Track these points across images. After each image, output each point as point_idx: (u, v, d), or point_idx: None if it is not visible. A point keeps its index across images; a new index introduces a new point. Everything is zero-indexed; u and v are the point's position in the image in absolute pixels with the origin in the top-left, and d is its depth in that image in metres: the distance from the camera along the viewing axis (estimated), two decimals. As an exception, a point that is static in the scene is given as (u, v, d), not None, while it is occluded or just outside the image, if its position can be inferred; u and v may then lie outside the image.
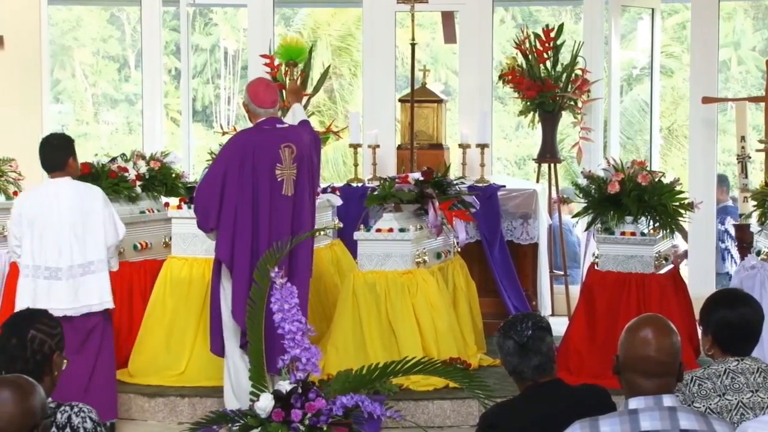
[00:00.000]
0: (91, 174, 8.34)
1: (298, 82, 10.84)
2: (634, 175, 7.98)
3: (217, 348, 7.03)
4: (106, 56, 22.90)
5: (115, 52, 22.97)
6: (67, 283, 6.86)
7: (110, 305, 7.02)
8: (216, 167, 6.92)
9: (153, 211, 8.70)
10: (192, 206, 7.18)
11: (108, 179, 8.36)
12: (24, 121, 10.83)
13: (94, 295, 6.91)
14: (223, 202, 6.79)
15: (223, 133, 10.23)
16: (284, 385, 4.41)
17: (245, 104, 7.06)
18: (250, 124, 7.08)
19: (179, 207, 8.28)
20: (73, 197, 6.92)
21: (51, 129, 11.11)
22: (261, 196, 6.82)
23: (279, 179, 6.88)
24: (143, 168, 8.71)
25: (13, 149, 9.50)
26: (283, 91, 10.75)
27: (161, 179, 8.83)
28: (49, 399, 3.77)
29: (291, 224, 6.91)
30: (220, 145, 8.54)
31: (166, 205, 8.78)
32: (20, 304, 6.71)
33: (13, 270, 7.84)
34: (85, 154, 7.38)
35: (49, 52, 11.73)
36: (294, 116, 7.40)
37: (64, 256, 6.88)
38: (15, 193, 9.18)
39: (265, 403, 4.34)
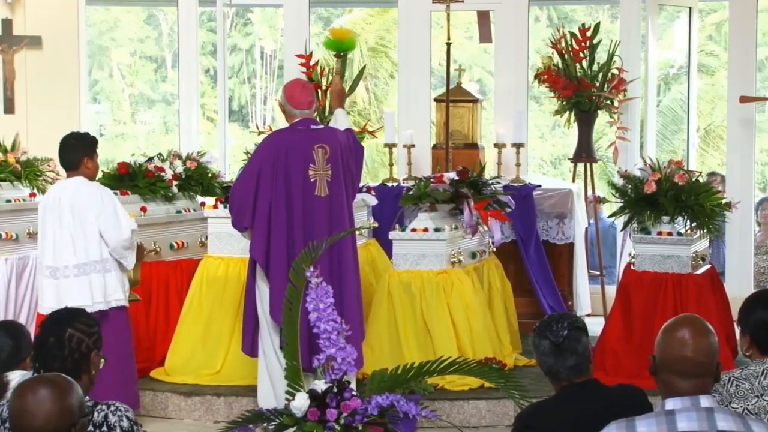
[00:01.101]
0: (128, 174, 8.40)
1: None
2: (671, 175, 7.94)
3: (248, 347, 7.05)
4: (144, 56, 23.02)
5: (153, 53, 23.08)
6: (61, 282, 6.90)
7: (100, 307, 6.90)
8: (250, 167, 6.94)
9: (189, 211, 8.74)
10: (227, 205, 7.18)
11: (145, 179, 8.41)
12: (62, 121, 10.90)
13: (84, 296, 6.88)
14: (257, 202, 6.82)
15: (259, 133, 10.25)
16: (319, 385, 4.42)
17: (281, 105, 7.08)
18: (287, 124, 7.11)
19: (215, 206, 8.31)
20: (73, 197, 6.95)
21: (89, 129, 11.18)
22: (294, 197, 6.84)
23: (312, 180, 6.89)
24: (180, 168, 8.76)
25: (51, 149, 9.56)
26: (319, 91, 10.79)
27: (197, 179, 8.87)
28: (87, 397, 3.80)
29: (328, 225, 6.91)
30: (255, 144, 8.57)
31: (202, 204, 8.82)
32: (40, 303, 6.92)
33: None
34: (122, 153, 7.44)
35: (86, 53, 11.82)
36: (336, 122, 7.41)
37: (62, 255, 6.91)
38: (53, 193, 9.26)
39: (301, 403, 4.35)
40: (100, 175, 7.66)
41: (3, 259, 8.45)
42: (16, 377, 5.08)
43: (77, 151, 7.07)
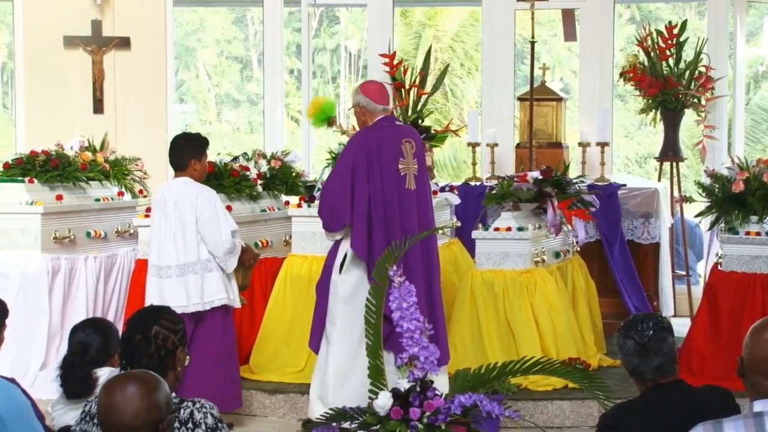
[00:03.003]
0: (214, 173, 8.48)
1: (417, 81, 10.88)
2: (760, 174, 7.82)
3: (316, 344, 7.08)
4: (230, 57, 23.25)
5: (239, 53, 23.30)
6: (164, 282, 6.97)
7: (197, 308, 6.96)
8: (342, 166, 6.93)
9: (273, 210, 8.81)
10: (313, 205, 7.19)
11: (230, 178, 8.49)
12: (149, 120, 11.07)
13: (181, 297, 6.95)
14: (354, 200, 6.84)
15: (343, 132, 10.30)
16: (402, 384, 4.43)
17: (361, 105, 7.05)
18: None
19: (299, 205, 8.36)
20: (176, 197, 7.01)
21: (175, 128, 11.35)
22: (388, 191, 6.88)
23: (402, 173, 6.94)
24: (264, 167, 8.83)
25: (138, 148, 9.72)
26: (402, 90, 10.80)
27: (282, 178, 8.94)
28: (173, 394, 3.83)
29: (418, 219, 6.96)
30: (340, 144, 8.64)
31: (287, 203, 8.87)
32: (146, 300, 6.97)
33: (139, 267, 8.02)
34: (208, 153, 7.49)
35: (173, 53, 11.96)
36: None
37: (166, 255, 7.00)
38: (141, 192, 9.39)
39: (384, 401, 4.36)
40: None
41: (92, 257, 8.58)
42: (104, 374, 5.18)
43: (185, 152, 7.15)
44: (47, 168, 8.52)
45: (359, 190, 6.83)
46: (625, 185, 9.94)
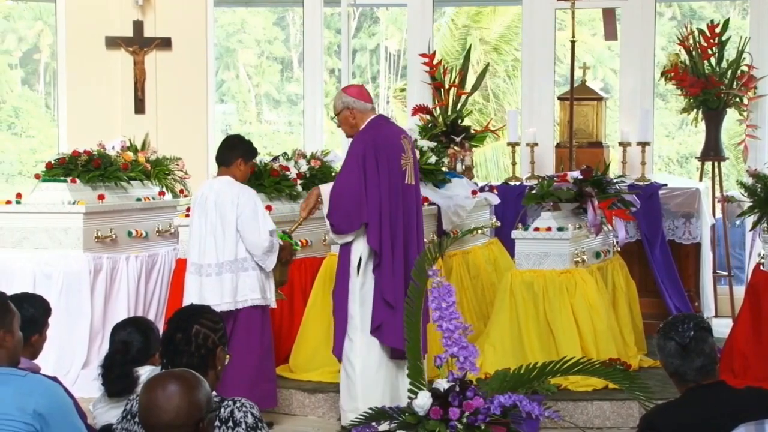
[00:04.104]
0: (254, 173, 8.51)
1: (457, 81, 10.87)
2: (803, 174, 7.75)
3: (339, 351, 7.09)
4: (270, 57, 23.33)
5: (280, 54, 23.38)
6: (204, 280, 7.00)
7: (229, 307, 6.97)
8: (351, 166, 6.96)
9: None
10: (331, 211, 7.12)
11: (270, 177, 8.52)
12: (190, 120, 11.13)
13: (216, 295, 6.97)
14: (367, 197, 6.88)
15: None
16: (442, 384, 4.42)
17: (350, 107, 7.07)
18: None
19: (339, 205, 8.36)
20: (217, 196, 7.04)
21: (215, 129, 11.42)
22: (393, 186, 6.96)
23: (403, 169, 7.02)
24: (304, 167, 8.85)
25: (179, 148, 9.77)
26: (442, 90, 10.80)
27: (321, 178, 8.95)
28: (213, 393, 3.85)
29: (416, 213, 7.10)
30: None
31: (327, 203, 8.88)
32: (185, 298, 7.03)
33: (180, 266, 8.06)
34: (255, 162, 7.52)
35: (214, 54, 12.02)
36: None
37: (206, 254, 7.02)
38: (181, 191, 9.44)
39: (423, 401, 4.36)
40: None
41: (133, 256, 8.63)
42: (145, 372, 5.20)
43: (235, 151, 7.20)
44: (89, 168, 8.58)
45: (371, 186, 6.88)
46: (666, 185, 9.89)
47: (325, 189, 7.17)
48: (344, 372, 7.06)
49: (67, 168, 8.57)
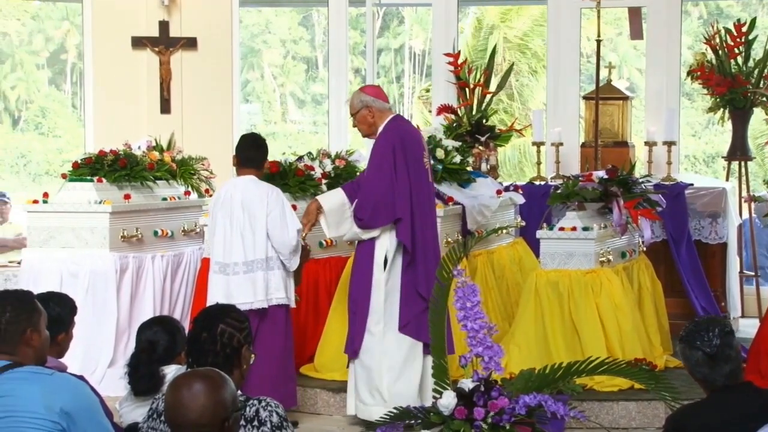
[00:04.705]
0: (279, 172, 8.52)
1: (481, 80, 10.86)
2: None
3: (356, 350, 7.11)
4: (296, 57, 23.37)
5: (305, 53, 23.41)
6: (231, 279, 7.01)
7: (262, 305, 6.97)
8: (381, 161, 7.02)
9: (338, 209, 8.82)
10: (358, 207, 7.15)
11: (295, 177, 8.53)
12: (215, 120, 11.16)
13: (248, 293, 6.98)
14: (398, 193, 6.91)
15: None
16: (467, 383, 4.42)
17: (369, 106, 7.13)
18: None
19: (364, 205, 8.37)
20: (243, 194, 7.04)
21: (241, 129, 11.44)
22: (417, 184, 7.03)
23: (426, 167, 7.14)
24: (329, 166, 8.85)
25: (205, 148, 9.80)
26: (467, 89, 10.79)
27: (346, 177, 8.95)
28: (239, 392, 3.86)
29: (434, 211, 7.26)
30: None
31: (352, 203, 8.88)
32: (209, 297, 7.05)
33: (205, 266, 8.07)
34: (272, 152, 7.54)
35: (239, 54, 12.05)
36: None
37: (232, 252, 7.03)
38: (207, 191, 9.46)
39: (448, 401, 4.36)
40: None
41: (159, 256, 8.66)
42: (171, 371, 5.22)
43: (264, 153, 7.23)
44: (115, 167, 8.62)
45: (401, 182, 6.91)
46: (692, 184, 9.85)
47: (324, 200, 7.20)
48: (361, 366, 7.09)
49: (94, 168, 8.60)
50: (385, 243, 7.00)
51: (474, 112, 10.72)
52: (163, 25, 11.17)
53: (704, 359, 4.29)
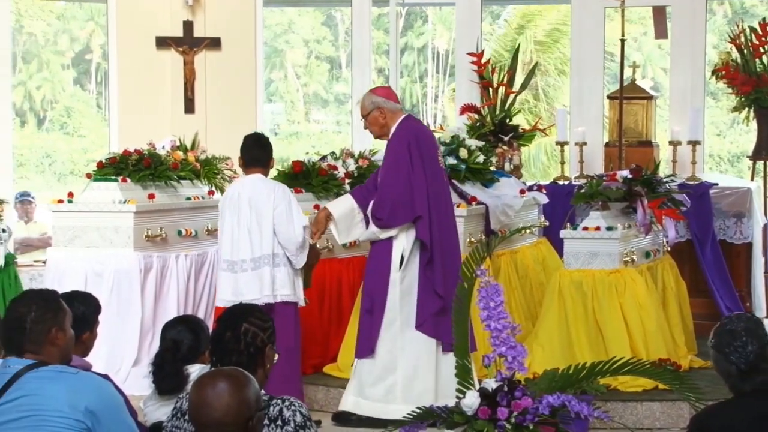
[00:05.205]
0: (302, 172, 8.54)
1: (505, 80, 10.84)
2: None
3: (370, 350, 7.11)
4: (319, 57, 23.40)
5: (328, 53, 23.44)
6: (239, 276, 7.03)
7: (268, 300, 6.96)
8: (397, 160, 7.04)
9: (362, 209, 8.82)
10: (376, 207, 7.15)
11: (318, 177, 8.54)
12: (239, 120, 11.18)
13: (255, 289, 6.99)
14: (416, 191, 6.92)
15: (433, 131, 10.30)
16: (490, 383, 4.41)
17: (380, 107, 7.16)
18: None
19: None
20: (251, 192, 7.05)
21: (264, 128, 11.46)
22: (434, 182, 7.05)
23: (441, 166, 7.19)
24: (352, 166, 8.86)
25: (228, 147, 9.81)
26: (490, 89, 10.78)
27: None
28: (262, 391, 3.87)
29: (451, 209, 7.25)
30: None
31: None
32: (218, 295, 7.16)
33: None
34: (295, 152, 7.58)
35: (263, 54, 12.07)
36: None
37: (240, 250, 7.04)
38: (230, 191, 9.48)
39: (472, 401, 4.35)
40: (275, 173, 7.81)
41: (183, 255, 8.68)
42: (195, 370, 5.23)
43: (267, 149, 7.24)
44: (140, 167, 8.65)
45: (418, 180, 6.92)
46: (716, 184, 9.81)
47: (333, 207, 7.20)
48: (373, 363, 7.12)
49: (118, 167, 8.64)
50: (402, 242, 7.03)
51: (497, 112, 10.71)
52: (187, 25, 11.20)
53: (737, 372, 4.23)
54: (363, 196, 7.23)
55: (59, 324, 4.01)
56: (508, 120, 10.64)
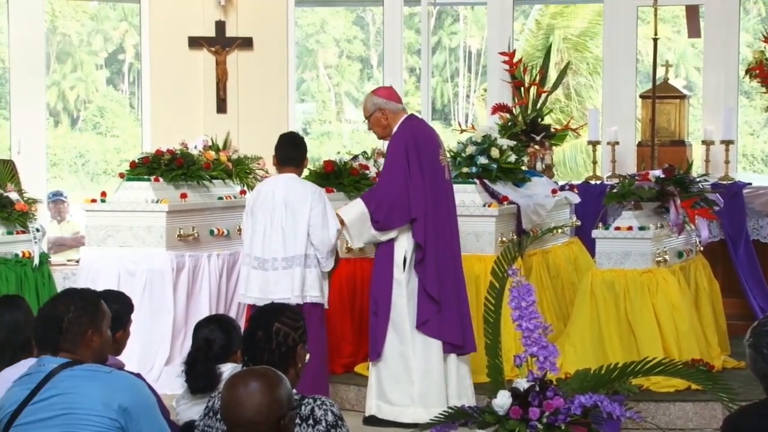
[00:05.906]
0: (334, 171, 8.55)
1: (537, 79, 10.82)
2: None
3: (379, 353, 7.12)
4: (350, 56, 23.43)
5: (360, 53, 23.47)
6: (269, 274, 7.04)
7: (297, 300, 6.93)
8: (395, 161, 7.05)
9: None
10: (372, 207, 7.15)
11: (350, 176, 8.55)
12: (271, 120, 11.20)
13: (285, 288, 7.00)
14: (414, 193, 6.92)
15: (462, 131, 10.30)
16: (522, 383, 4.41)
17: (382, 108, 7.17)
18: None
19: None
20: (286, 191, 7.07)
21: (296, 128, 11.47)
22: (434, 181, 7.04)
23: (442, 164, 7.14)
24: (383, 166, 8.86)
25: (260, 147, 9.84)
26: (522, 89, 10.75)
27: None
28: (294, 391, 3.87)
29: (452, 209, 7.20)
30: (459, 143, 8.64)
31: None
32: (239, 290, 7.23)
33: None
34: (327, 152, 7.60)
35: (294, 53, 12.10)
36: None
37: (272, 248, 7.05)
38: (262, 191, 9.50)
39: (503, 401, 4.35)
40: (306, 172, 7.83)
41: (215, 254, 8.71)
42: (227, 370, 5.26)
43: (302, 148, 7.26)
44: (172, 167, 8.68)
45: (415, 180, 6.94)
46: (750, 184, 9.76)
47: (344, 213, 7.19)
48: (386, 366, 7.12)
49: (151, 167, 8.68)
50: (404, 243, 7.06)
51: (529, 111, 10.68)
52: (220, 25, 11.24)
53: None
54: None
55: (96, 326, 4.02)
56: (539, 119, 10.62)
